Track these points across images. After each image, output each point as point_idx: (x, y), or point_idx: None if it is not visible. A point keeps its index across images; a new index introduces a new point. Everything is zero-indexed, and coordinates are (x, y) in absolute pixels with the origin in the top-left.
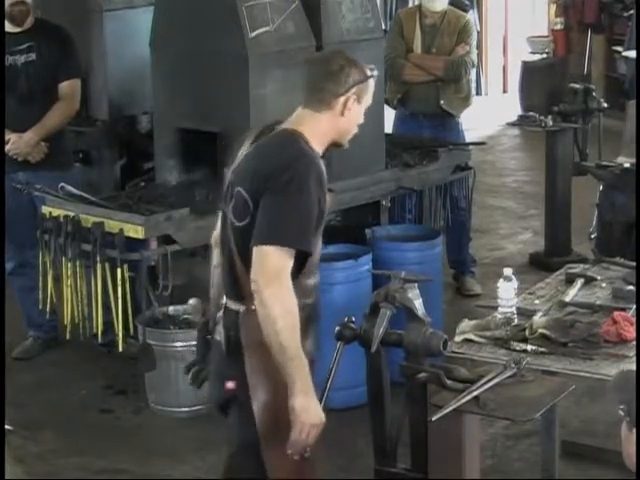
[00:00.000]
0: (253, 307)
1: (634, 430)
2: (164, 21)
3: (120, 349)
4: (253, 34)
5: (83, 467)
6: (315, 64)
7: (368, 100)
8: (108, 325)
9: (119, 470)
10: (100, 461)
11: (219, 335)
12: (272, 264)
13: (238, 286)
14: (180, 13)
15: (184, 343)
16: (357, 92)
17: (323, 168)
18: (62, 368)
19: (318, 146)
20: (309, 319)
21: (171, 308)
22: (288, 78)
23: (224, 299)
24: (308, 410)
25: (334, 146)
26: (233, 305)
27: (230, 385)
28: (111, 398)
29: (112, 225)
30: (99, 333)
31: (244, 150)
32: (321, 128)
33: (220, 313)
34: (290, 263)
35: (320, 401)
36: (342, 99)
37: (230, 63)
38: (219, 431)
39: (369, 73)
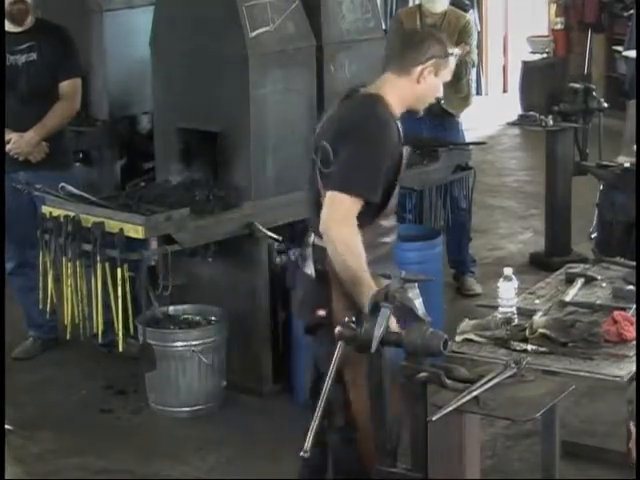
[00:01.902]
0: None
1: None
2: (164, 21)
3: (120, 349)
4: (253, 34)
5: (83, 467)
6: (402, 34)
7: (446, 75)
8: (108, 325)
9: (119, 470)
10: (100, 461)
11: (308, 269)
12: (340, 209)
13: None
14: (180, 13)
15: (184, 343)
16: (435, 65)
17: (396, 127)
18: (62, 368)
19: (396, 108)
20: (388, 256)
21: (171, 308)
22: (288, 78)
23: (312, 237)
24: (362, 291)
25: (411, 111)
26: (320, 242)
27: (320, 312)
28: (111, 398)
29: (112, 225)
30: (99, 333)
31: (331, 111)
32: (399, 92)
33: (309, 250)
34: (356, 209)
35: (320, 401)
36: (419, 68)
37: (230, 63)
38: (219, 431)
39: (450, 51)
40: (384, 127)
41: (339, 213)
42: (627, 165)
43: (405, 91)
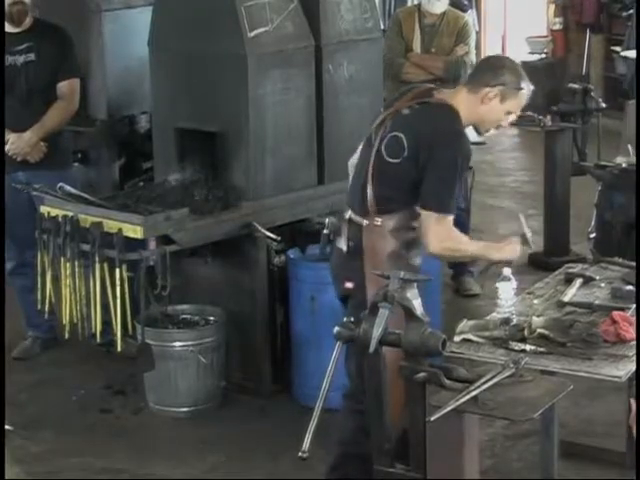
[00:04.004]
0: (375, 222)
1: None
2: (163, 21)
3: (119, 349)
4: (252, 34)
5: (83, 468)
6: (489, 58)
7: (513, 106)
8: (107, 325)
9: (119, 470)
10: (100, 461)
11: (341, 243)
12: (443, 229)
13: (365, 204)
14: (179, 13)
15: (183, 343)
16: (502, 92)
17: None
18: (61, 368)
19: (464, 121)
20: (416, 240)
21: (170, 308)
22: (287, 78)
23: (349, 213)
24: (505, 254)
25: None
26: (357, 219)
27: (348, 284)
28: (110, 398)
29: (111, 225)
30: (97, 333)
31: (401, 105)
32: (465, 107)
33: (344, 226)
34: (451, 222)
35: (319, 401)
36: (486, 89)
37: (229, 63)
38: (218, 431)
39: (522, 85)
40: (468, 144)
41: (443, 233)
42: (625, 165)
43: (470, 108)
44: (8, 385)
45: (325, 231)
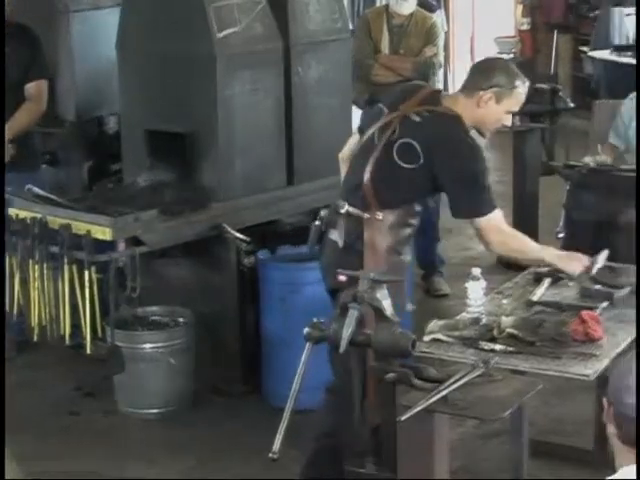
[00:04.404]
0: (377, 216)
1: None
2: (131, 22)
3: (88, 351)
4: (221, 35)
5: (60, 471)
6: (480, 62)
7: (510, 105)
8: (76, 327)
9: (91, 472)
10: (73, 464)
11: (334, 235)
12: (494, 230)
13: (366, 199)
14: (147, 14)
15: (153, 345)
16: (497, 93)
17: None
18: (36, 370)
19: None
20: (409, 238)
21: (140, 310)
22: (256, 79)
23: (345, 206)
24: (570, 266)
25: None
26: (357, 212)
27: (341, 277)
28: (81, 400)
29: (79, 227)
30: (67, 335)
31: (408, 109)
32: (465, 112)
33: (340, 219)
34: (500, 218)
35: (289, 402)
36: (480, 93)
37: (198, 64)
38: (189, 432)
39: (516, 84)
40: (479, 150)
41: (495, 228)
42: (593, 165)
43: (467, 112)
44: None
45: (317, 222)
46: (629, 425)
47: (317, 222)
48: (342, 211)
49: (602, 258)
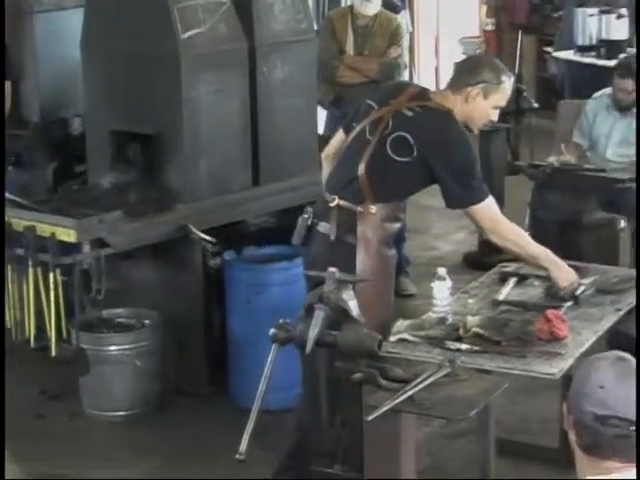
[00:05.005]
0: (370, 210)
1: None
2: (94, 22)
3: (53, 353)
4: (185, 35)
5: (26, 473)
6: (466, 59)
7: (497, 100)
8: (41, 329)
9: (58, 474)
10: (40, 467)
11: (324, 228)
12: (489, 216)
13: (360, 192)
14: (111, 14)
15: (118, 347)
16: (484, 89)
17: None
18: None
19: None
20: (394, 235)
21: (105, 312)
22: (221, 79)
23: (335, 200)
24: (560, 275)
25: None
26: (349, 205)
27: (331, 270)
28: (46, 403)
29: (44, 229)
30: (31, 337)
31: (400, 104)
32: (454, 108)
33: (332, 212)
34: (494, 204)
35: (256, 403)
36: (468, 89)
37: (162, 64)
38: (156, 434)
39: (502, 79)
40: (470, 142)
41: (490, 215)
42: (557, 164)
43: (457, 108)
44: None
45: (305, 216)
46: (588, 434)
47: (305, 215)
48: (333, 204)
49: (588, 281)
